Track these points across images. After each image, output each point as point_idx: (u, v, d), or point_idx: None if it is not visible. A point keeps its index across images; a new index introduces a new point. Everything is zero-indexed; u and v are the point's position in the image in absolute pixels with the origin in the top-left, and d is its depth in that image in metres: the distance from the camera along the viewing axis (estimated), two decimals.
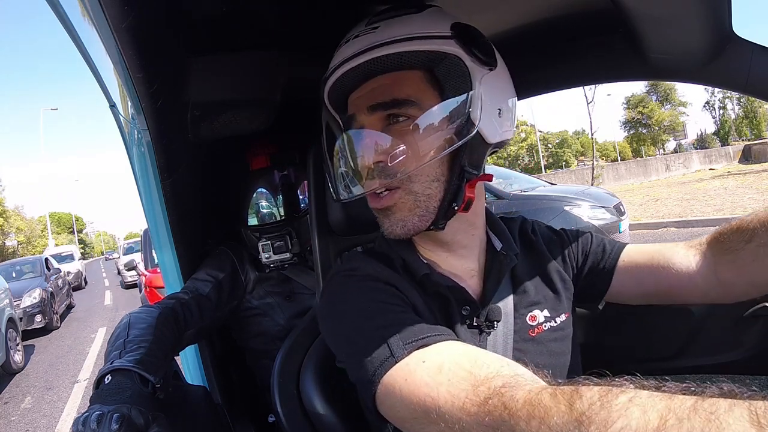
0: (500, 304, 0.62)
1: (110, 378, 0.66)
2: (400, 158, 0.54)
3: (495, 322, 0.60)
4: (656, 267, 0.64)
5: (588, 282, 0.69)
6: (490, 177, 0.62)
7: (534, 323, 0.63)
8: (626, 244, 0.69)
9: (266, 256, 1.14)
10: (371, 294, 0.55)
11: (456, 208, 0.56)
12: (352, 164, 0.57)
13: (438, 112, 0.54)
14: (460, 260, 0.63)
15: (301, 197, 1.21)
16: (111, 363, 0.69)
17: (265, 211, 1.18)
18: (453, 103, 0.54)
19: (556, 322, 0.64)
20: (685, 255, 0.63)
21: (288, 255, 1.15)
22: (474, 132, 0.53)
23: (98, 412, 0.58)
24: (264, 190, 1.18)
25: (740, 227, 0.58)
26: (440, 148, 0.54)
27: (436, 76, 0.56)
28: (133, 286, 9.83)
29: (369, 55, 0.54)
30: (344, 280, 0.60)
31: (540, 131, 36.63)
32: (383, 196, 0.56)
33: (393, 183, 0.55)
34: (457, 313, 0.59)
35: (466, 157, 0.56)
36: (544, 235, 0.71)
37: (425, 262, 0.61)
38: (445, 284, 0.59)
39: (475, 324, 0.60)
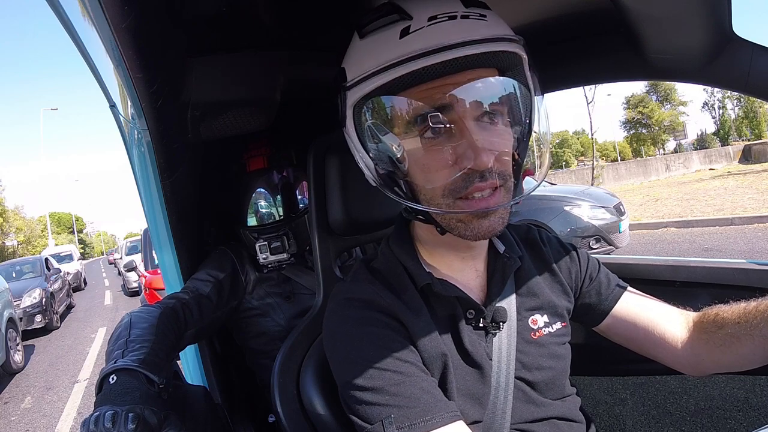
0: (504, 306, 0.62)
1: (115, 378, 0.65)
2: (516, 156, 0.55)
3: (501, 323, 0.60)
4: (650, 327, 0.67)
5: (582, 310, 0.71)
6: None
7: (535, 327, 0.63)
8: (626, 287, 0.71)
9: (263, 256, 1.14)
10: (373, 338, 0.54)
11: (518, 203, 0.57)
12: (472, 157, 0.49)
13: (527, 113, 0.55)
14: (471, 260, 0.63)
15: (299, 197, 1.21)
16: (114, 362, 0.68)
17: (263, 211, 1.18)
18: (535, 105, 0.56)
19: (553, 328, 0.64)
20: (676, 322, 0.67)
21: (285, 255, 1.15)
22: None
23: (111, 411, 0.57)
24: (262, 191, 1.18)
25: (718, 314, 0.64)
26: (530, 147, 0.57)
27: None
28: (136, 293, 8.63)
29: (488, 47, 0.49)
30: (346, 313, 0.58)
31: None
32: (494, 195, 0.52)
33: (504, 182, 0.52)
34: (462, 315, 0.59)
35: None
36: (554, 247, 0.72)
37: (427, 270, 0.61)
38: (446, 293, 0.59)
39: (481, 325, 0.60)
